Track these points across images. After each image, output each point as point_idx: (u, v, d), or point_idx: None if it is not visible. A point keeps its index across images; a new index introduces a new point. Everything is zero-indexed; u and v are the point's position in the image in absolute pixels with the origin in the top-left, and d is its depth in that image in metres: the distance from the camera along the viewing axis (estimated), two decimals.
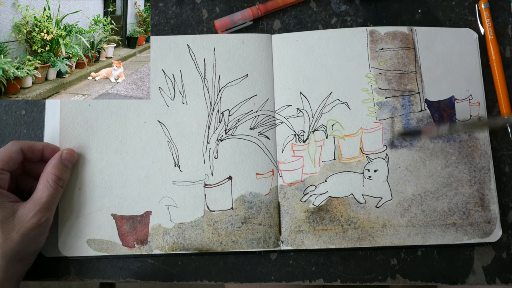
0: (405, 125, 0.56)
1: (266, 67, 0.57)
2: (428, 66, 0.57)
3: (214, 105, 0.56)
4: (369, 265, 0.55)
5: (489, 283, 0.55)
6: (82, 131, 0.56)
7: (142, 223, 0.54)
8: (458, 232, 0.54)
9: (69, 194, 0.55)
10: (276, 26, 0.60)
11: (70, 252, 0.54)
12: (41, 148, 0.53)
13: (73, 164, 0.54)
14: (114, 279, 0.55)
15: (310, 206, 0.55)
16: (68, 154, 0.53)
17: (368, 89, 0.57)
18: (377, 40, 0.58)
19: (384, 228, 0.54)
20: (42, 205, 0.49)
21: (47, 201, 0.50)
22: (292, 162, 0.56)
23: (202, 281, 0.55)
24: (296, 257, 0.55)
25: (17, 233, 0.47)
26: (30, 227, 0.48)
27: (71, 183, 0.55)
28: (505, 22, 0.60)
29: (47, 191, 0.50)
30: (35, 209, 0.49)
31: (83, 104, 0.57)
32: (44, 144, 0.54)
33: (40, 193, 0.50)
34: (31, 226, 0.48)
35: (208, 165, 0.55)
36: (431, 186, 0.55)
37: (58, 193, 0.51)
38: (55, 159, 0.52)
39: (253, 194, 0.55)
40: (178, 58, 0.57)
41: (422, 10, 0.60)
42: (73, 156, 0.54)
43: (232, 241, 0.54)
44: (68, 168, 0.53)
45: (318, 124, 0.56)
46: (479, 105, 0.57)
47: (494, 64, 0.58)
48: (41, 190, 0.50)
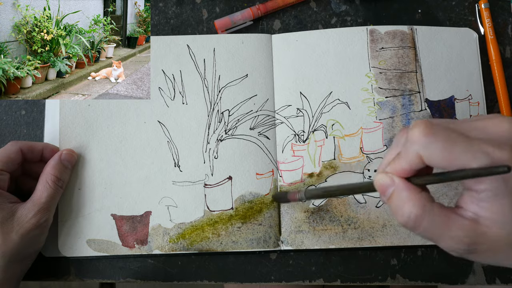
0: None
1: (266, 67, 0.57)
2: (428, 65, 0.57)
3: (214, 105, 0.56)
4: (369, 265, 0.55)
5: (489, 283, 0.55)
6: (82, 131, 0.56)
7: (142, 223, 0.54)
8: None
9: (69, 194, 0.55)
10: (276, 26, 0.60)
11: (70, 252, 0.54)
12: (40, 148, 0.53)
13: (73, 165, 0.54)
14: (114, 279, 0.55)
15: (310, 206, 0.55)
16: (67, 155, 0.53)
17: (368, 89, 0.57)
18: (377, 40, 0.57)
19: (384, 228, 0.54)
20: (41, 206, 0.49)
21: (46, 201, 0.50)
22: (292, 162, 0.56)
23: (202, 281, 0.55)
24: (296, 257, 0.55)
25: (16, 234, 0.47)
26: (29, 228, 0.48)
27: (71, 183, 0.55)
28: (505, 22, 0.60)
29: (46, 191, 0.50)
30: (35, 210, 0.49)
31: (83, 104, 0.57)
32: (43, 144, 0.54)
33: (40, 194, 0.50)
34: (30, 226, 0.48)
35: (208, 165, 0.55)
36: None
37: (57, 194, 0.51)
38: (54, 159, 0.52)
39: (253, 194, 0.55)
40: (178, 58, 0.57)
41: (422, 10, 0.60)
42: (73, 157, 0.54)
43: (232, 241, 0.54)
44: (68, 168, 0.53)
45: (318, 124, 0.56)
46: (478, 105, 0.57)
47: (494, 64, 0.58)
48: (40, 190, 0.50)
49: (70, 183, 0.55)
